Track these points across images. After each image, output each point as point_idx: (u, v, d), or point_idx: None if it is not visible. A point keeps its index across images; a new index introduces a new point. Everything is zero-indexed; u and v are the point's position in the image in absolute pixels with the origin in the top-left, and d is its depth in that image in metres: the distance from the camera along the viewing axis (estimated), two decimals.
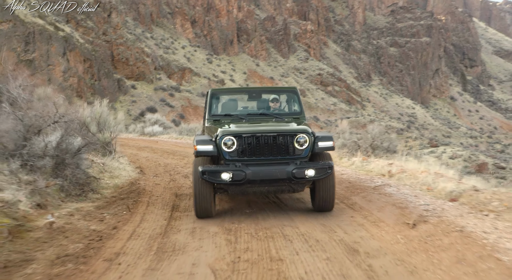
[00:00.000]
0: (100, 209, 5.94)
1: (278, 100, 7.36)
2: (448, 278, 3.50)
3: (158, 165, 11.35)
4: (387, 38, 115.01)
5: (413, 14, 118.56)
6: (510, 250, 3.93)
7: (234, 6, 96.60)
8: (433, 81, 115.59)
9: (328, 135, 6.07)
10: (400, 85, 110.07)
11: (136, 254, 4.26)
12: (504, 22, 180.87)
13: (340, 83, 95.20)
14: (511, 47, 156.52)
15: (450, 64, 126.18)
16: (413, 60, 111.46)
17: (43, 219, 4.97)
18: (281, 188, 5.79)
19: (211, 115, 6.92)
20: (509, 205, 5.51)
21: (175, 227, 5.28)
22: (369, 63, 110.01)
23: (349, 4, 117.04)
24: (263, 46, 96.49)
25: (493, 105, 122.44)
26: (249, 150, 5.63)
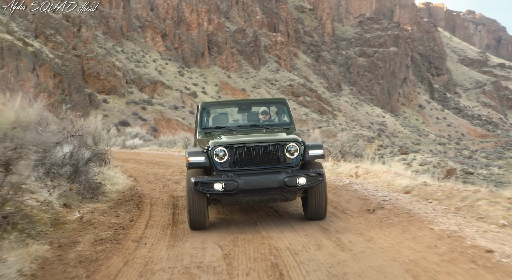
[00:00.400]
0: (113, 208, 7.12)
1: (268, 112, 7.57)
2: (394, 242, 4.84)
3: (147, 174, 12.48)
4: (355, 49, 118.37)
5: (380, 25, 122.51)
6: (441, 223, 5.34)
7: (204, 19, 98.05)
8: (401, 89, 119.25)
9: (318, 144, 6.29)
10: (369, 94, 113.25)
11: (155, 237, 5.47)
12: (468, 32, 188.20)
13: (311, 93, 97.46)
14: (475, 55, 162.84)
15: (418, 73, 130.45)
16: (382, 70, 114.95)
17: (72, 215, 6.13)
18: (273, 197, 5.95)
19: (202, 128, 7.14)
20: (448, 194, 6.95)
21: (180, 220, 6.49)
22: (339, 73, 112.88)
23: (317, 15, 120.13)
24: (234, 58, 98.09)
25: (460, 112, 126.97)
26: (240, 160, 5.80)
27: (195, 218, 5.76)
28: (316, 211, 6.09)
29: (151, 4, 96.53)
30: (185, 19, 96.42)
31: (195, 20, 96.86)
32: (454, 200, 6.47)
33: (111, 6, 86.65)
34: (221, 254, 4.75)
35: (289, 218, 6.41)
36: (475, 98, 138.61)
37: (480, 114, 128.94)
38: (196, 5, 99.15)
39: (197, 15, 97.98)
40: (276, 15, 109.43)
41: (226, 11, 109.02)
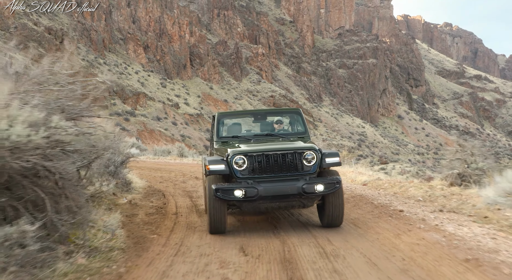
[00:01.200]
0: (145, 197, 9.71)
1: (282, 122, 8.00)
2: (347, 211, 7.54)
3: (154, 177, 15.03)
4: (335, 60, 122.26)
5: (359, 37, 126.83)
6: (380, 200, 8.12)
7: (186, 31, 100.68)
8: (381, 100, 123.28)
9: (334, 152, 6.60)
10: (350, 105, 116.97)
11: (186, 212, 8.09)
12: (445, 44, 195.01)
13: (292, 104, 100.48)
14: (452, 67, 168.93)
15: (396, 84, 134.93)
16: (361, 81, 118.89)
17: (122, 200, 8.71)
18: (291, 203, 6.30)
19: (219, 137, 7.57)
20: (392, 185, 9.74)
21: (198, 204, 9.09)
22: (320, 84, 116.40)
23: (298, 27, 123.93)
24: (216, 69, 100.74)
25: (438, 122, 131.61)
26: (259, 168, 6.15)
27: (215, 223, 6.19)
28: (333, 218, 6.37)
29: (133, 16, 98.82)
30: (167, 31, 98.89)
31: (177, 32, 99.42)
32: (394, 188, 9.27)
33: (93, 19, 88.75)
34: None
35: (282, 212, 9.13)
36: (452, 109, 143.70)
37: (458, 125, 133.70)
38: (178, 18, 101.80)
39: (179, 27, 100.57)
40: (257, 27, 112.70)
41: (207, 23, 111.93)
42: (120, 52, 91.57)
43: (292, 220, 7.26)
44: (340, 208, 6.29)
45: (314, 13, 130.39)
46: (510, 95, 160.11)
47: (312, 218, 7.24)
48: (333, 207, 6.25)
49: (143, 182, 12.78)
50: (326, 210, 6.34)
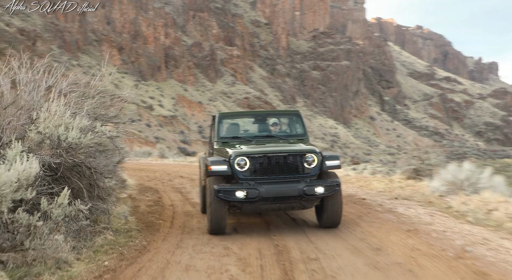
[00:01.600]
0: (141, 193, 10.97)
1: (278, 124, 8.07)
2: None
3: (141, 176, 16.22)
4: (309, 62, 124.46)
5: (333, 39, 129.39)
6: (346, 190, 9.58)
7: (161, 33, 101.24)
8: (353, 102, 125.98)
9: (334, 155, 6.73)
10: (323, 107, 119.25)
11: (180, 204, 9.39)
12: (416, 46, 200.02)
13: (266, 106, 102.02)
14: (423, 69, 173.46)
15: (369, 86, 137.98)
16: (335, 83, 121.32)
17: (123, 195, 9.95)
18: (291, 205, 6.40)
19: (220, 138, 7.58)
20: (359, 180, 11.26)
21: (189, 198, 10.40)
22: (294, 86, 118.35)
23: (272, 30, 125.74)
24: (191, 71, 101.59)
25: (408, 123, 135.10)
26: (261, 169, 6.24)
27: (215, 224, 6.30)
28: (332, 219, 6.49)
29: (107, 18, 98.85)
30: (141, 33, 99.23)
31: (151, 34, 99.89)
32: (360, 182, 10.78)
33: (66, 20, 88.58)
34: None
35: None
36: (423, 110, 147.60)
37: (428, 125, 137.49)
38: (153, 20, 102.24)
39: (154, 29, 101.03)
40: (232, 30, 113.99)
41: (182, 25, 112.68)
42: (94, 53, 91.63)
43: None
44: (339, 210, 6.43)
45: (289, 16, 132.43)
46: (478, 97, 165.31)
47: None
48: (332, 209, 6.39)
49: (133, 180, 14.00)
50: (325, 212, 6.46)
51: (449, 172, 8.08)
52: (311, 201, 6.36)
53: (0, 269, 4.05)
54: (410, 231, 5.98)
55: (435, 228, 6.01)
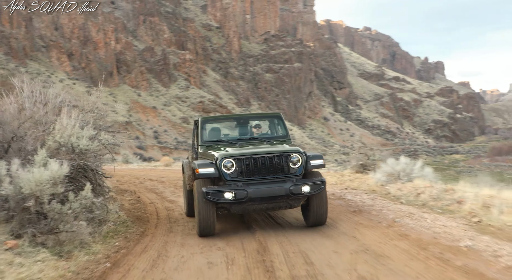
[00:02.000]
0: (119, 194, 12.11)
1: (260, 126, 8.43)
2: None
3: (111, 181, 17.27)
4: (262, 65, 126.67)
5: (284, 42, 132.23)
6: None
7: (111, 38, 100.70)
8: (307, 103, 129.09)
9: (318, 155, 6.99)
10: (277, 109, 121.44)
11: (159, 202, 10.66)
12: (365, 47, 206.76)
13: (221, 109, 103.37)
14: (373, 70, 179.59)
15: (321, 87, 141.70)
16: (288, 85, 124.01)
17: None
18: (279, 204, 6.62)
19: (204, 142, 7.82)
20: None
21: (165, 196, 11.66)
22: (248, 89, 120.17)
23: (224, 33, 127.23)
24: (143, 76, 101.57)
25: (361, 123, 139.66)
26: (247, 171, 6.45)
27: (204, 226, 6.52)
28: (318, 217, 6.76)
29: (55, 23, 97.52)
30: (91, 38, 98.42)
31: (102, 39, 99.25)
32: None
33: (12, 26, 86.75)
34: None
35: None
36: (374, 110, 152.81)
37: (380, 125, 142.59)
38: (103, 24, 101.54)
39: (104, 34, 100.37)
40: (184, 34, 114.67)
41: (133, 30, 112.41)
42: (42, 60, 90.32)
43: None
44: (324, 208, 6.70)
45: (240, 19, 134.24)
46: (426, 95, 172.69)
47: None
48: (318, 207, 6.66)
49: (107, 183, 15.09)
50: (311, 210, 6.71)
51: (389, 165, 9.76)
52: (298, 200, 6.60)
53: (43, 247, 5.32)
54: (355, 211, 7.61)
55: (374, 208, 7.70)
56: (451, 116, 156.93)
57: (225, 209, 6.71)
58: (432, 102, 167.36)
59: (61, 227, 5.46)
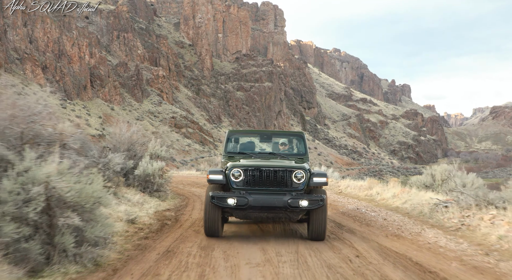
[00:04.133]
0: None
1: (287, 144, 9.01)
2: None
3: None
4: (233, 83, 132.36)
5: (255, 61, 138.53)
6: None
7: (86, 52, 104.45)
8: (276, 121, 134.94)
9: (322, 173, 7.53)
10: (247, 126, 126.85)
11: (187, 189, 15.72)
12: (335, 68, 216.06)
13: (193, 125, 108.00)
14: (341, 91, 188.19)
15: (291, 106, 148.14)
16: (258, 103, 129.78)
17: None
18: (278, 215, 7.13)
19: (227, 152, 8.68)
20: None
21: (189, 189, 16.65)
22: (219, 106, 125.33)
23: (197, 51, 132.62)
24: (117, 91, 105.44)
25: (329, 142, 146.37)
26: (253, 181, 7.13)
27: (210, 226, 7.23)
28: (317, 232, 7.21)
29: (29, 36, 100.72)
30: (66, 52, 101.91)
31: (76, 53, 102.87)
32: None
33: None
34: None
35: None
36: (342, 130, 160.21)
37: (347, 144, 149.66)
38: (77, 39, 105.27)
39: (78, 48, 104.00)
40: (157, 50, 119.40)
41: (107, 45, 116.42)
42: (17, 72, 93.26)
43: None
44: (323, 224, 7.11)
45: (212, 37, 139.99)
46: (392, 117, 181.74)
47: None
48: (316, 222, 7.10)
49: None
50: (310, 225, 7.21)
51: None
52: (296, 213, 7.07)
53: (154, 197, 10.36)
54: (330, 205, 12.79)
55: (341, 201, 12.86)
56: (415, 138, 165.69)
57: (230, 213, 7.44)
58: (397, 124, 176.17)
59: (161, 189, 10.54)
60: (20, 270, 4.38)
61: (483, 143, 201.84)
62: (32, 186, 4.61)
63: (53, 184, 4.59)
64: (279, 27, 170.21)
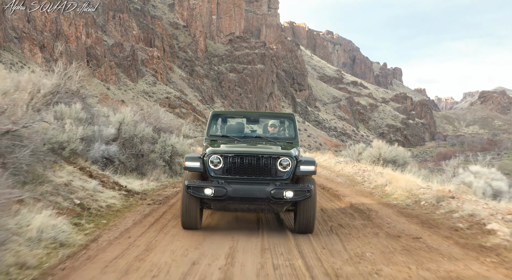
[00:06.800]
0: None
1: (277, 126, 8.41)
2: None
3: None
4: (226, 65, 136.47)
5: (248, 43, 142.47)
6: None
7: (82, 32, 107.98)
8: (268, 103, 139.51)
9: (310, 160, 6.85)
10: (239, 107, 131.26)
11: None
12: (327, 50, 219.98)
13: (186, 105, 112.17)
14: (332, 73, 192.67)
15: (282, 88, 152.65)
16: (250, 85, 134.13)
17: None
18: (260, 207, 6.60)
19: (209, 135, 8.10)
20: None
21: None
22: (212, 87, 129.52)
23: (191, 32, 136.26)
24: (112, 71, 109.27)
25: (319, 124, 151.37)
26: (233, 169, 6.54)
27: (186, 218, 6.77)
28: (304, 225, 6.76)
29: (27, 16, 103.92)
30: (63, 32, 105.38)
31: (73, 33, 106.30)
32: None
33: None
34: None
35: None
36: (332, 112, 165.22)
37: (336, 126, 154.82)
38: (74, 19, 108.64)
39: (75, 28, 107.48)
40: (152, 31, 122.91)
41: (103, 25, 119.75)
42: (15, 51, 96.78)
43: None
44: (311, 216, 6.66)
45: (206, 19, 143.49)
46: (382, 100, 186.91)
47: None
48: (303, 215, 6.65)
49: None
50: (297, 217, 6.75)
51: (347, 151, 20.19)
52: (280, 204, 6.56)
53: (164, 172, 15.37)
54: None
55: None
56: (404, 122, 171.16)
57: (208, 205, 6.84)
58: (387, 107, 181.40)
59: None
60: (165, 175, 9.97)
61: (471, 127, 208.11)
62: (166, 147, 9.82)
63: (175, 146, 9.84)
64: (272, 9, 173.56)
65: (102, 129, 11.56)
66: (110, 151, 11.28)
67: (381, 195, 11.24)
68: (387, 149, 16.54)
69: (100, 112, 13.18)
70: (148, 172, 11.99)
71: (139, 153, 12.18)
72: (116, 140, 11.88)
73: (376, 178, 13.19)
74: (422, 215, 8.46)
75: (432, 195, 9.20)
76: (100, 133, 11.35)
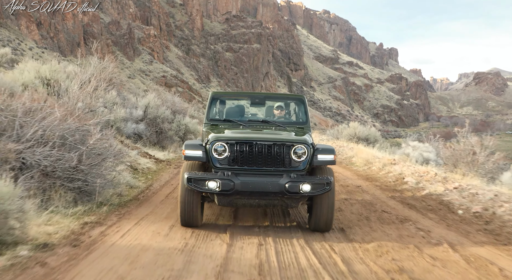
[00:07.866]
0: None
1: (283, 108, 7.66)
2: None
3: None
4: (223, 44, 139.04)
5: (245, 22, 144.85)
6: None
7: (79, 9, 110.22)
8: (263, 83, 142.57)
9: (329, 148, 6.13)
10: (235, 87, 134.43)
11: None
12: (323, 30, 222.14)
13: (182, 84, 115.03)
14: (328, 53, 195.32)
15: (278, 68, 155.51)
16: (246, 64, 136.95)
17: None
18: (272, 202, 5.87)
19: (209, 120, 7.27)
20: None
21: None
22: (208, 66, 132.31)
23: (187, 11, 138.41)
24: (109, 49, 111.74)
25: (314, 104, 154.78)
26: (241, 159, 5.78)
27: (186, 215, 5.99)
28: (322, 223, 6.05)
29: None
30: (60, 9, 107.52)
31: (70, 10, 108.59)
32: None
33: None
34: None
35: None
36: (327, 92, 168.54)
37: (331, 107, 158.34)
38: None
39: (72, 6, 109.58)
40: (149, 9, 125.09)
41: (99, 2, 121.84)
42: (12, 27, 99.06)
43: None
44: (330, 213, 5.98)
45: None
46: (377, 81, 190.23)
47: None
48: (321, 211, 5.97)
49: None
50: (313, 213, 6.06)
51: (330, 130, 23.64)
52: (296, 199, 5.89)
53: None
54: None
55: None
56: (399, 102, 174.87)
57: (211, 199, 6.20)
58: (382, 88, 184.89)
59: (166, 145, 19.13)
60: (180, 148, 13.37)
61: (465, 108, 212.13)
62: (181, 126, 13.29)
63: (188, 125, 13.37)
64: None
65: (132, 111, 15.09)
66: (139, 128, 14.85)
67: (347, 163, 15.00)
68: (361, 128, 20.02)
69: (128, 97, 16.62)
70: (168, 145, 15.55)
71: (160, 131, 15.68)
72: (143, 120, 15.39)
73: (347, 152, 16.78)
74: (369, 175, 12.16)
75: (382, 162, 12.81)
76: (131, 115, 14.90)
